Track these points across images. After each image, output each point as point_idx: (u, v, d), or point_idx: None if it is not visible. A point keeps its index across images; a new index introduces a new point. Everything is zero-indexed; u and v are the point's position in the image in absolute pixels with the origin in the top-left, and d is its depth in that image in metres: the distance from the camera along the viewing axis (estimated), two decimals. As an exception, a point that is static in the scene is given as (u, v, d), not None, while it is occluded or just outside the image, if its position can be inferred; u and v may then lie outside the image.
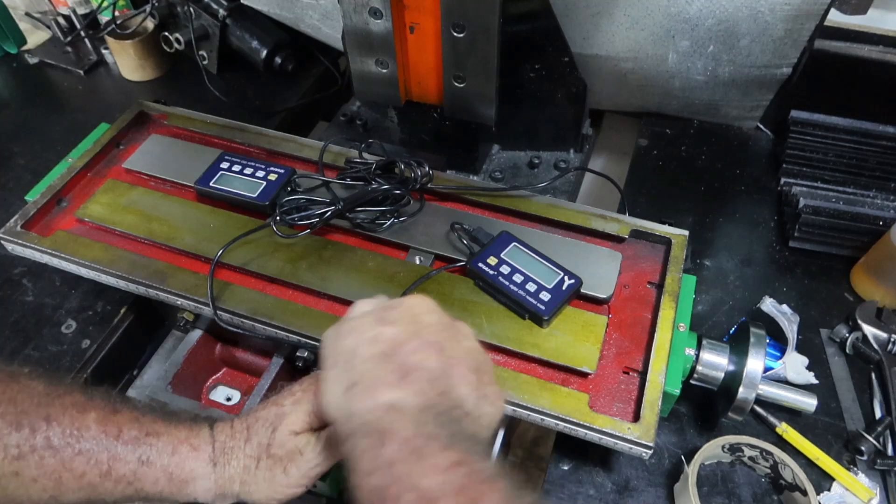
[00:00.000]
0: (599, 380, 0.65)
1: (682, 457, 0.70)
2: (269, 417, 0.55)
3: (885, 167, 0.95)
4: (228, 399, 0.80)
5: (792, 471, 0.66)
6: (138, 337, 0.85)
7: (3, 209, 0.95)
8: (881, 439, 0.71)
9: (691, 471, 0.65)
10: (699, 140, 1.05)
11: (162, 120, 0.91)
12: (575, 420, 0.61)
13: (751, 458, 0.69)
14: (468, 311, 0.68)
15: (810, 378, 0.76)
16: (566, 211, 0.78)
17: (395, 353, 0.46)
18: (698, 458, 0.67)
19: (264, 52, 1.13)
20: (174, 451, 0.53)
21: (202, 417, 0.57)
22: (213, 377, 0.82)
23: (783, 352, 0.77)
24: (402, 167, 0.79)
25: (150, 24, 1.16)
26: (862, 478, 0.69)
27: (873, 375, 0.78)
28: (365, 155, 0.82)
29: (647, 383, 0.62)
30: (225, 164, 0.80)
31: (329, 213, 0.73)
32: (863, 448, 0.70)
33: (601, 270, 0.71)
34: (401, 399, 0.43)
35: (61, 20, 1.23)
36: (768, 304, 0.81)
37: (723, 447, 0.69)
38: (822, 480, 0.70)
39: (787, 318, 0.79)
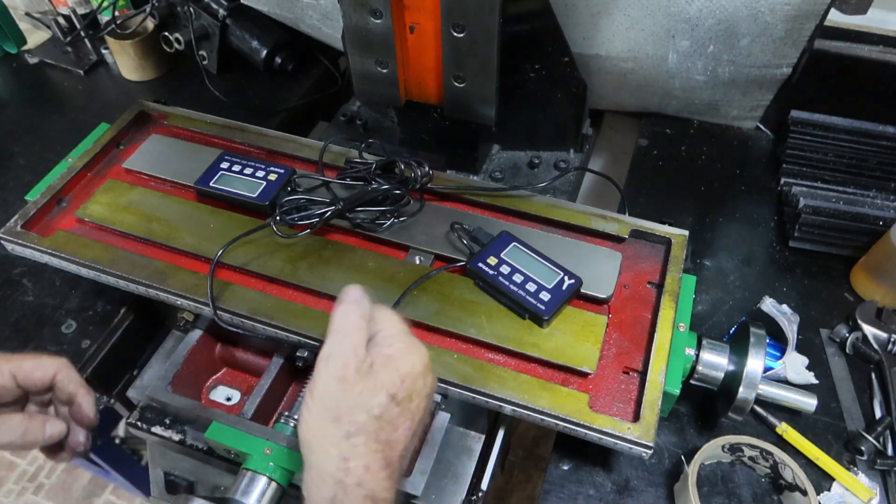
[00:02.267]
0: (599, 380, 0.65)
1: (682, 457, 0.70)
2: None
3: (885, 167, 0.95)
4: (228, 399, 0.80)
5: (792, 471, 0.66)
6: (138, 337, 0.85)
7: (3, 209, 0.95)
8: (881, 439, 0.71)
9: (691, 471, 0.65)
10: (699, 140, 1.05)
11: (162, 120, 0.91)
12: (575, 420, 0.61)
13: (751, 458, 0.69)
14: (468, 311, 0.68)
15: (810, 378, 0.76)
16: (566, 211, 0.78)
17: (346, 488, 0.47)
18: (698, 458, 0.67)
19: (264, 52, 1.13)
20: None
21: None
22: (213, 377, 0.82)
23: (783, 352, 0.77)
24: (402, 167, 0.79)
25: (150, 24, 1.16)
26: (862, 478, 0.69)
27: (873, 375, 0.78)
28: (365, 155, 0.82)
29: (647, 383, 0.62)
30: (225, 164, 0.80)
31: (329, 213, 0.73)
32: (863, 448, 0.70)
33: (601, 270, 0.71)
34: None
35: (61, 20, 1.23)
36: (768, 304, 0.81)
37: (723, 447, 0.69)
38: (822, 480, 0.70)
39: (787, 318, 0.79)
